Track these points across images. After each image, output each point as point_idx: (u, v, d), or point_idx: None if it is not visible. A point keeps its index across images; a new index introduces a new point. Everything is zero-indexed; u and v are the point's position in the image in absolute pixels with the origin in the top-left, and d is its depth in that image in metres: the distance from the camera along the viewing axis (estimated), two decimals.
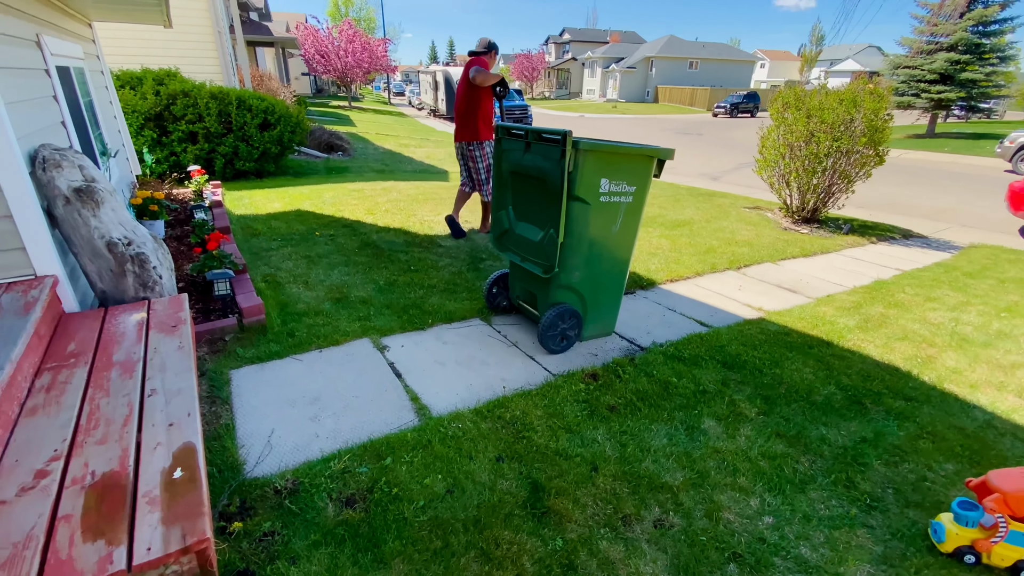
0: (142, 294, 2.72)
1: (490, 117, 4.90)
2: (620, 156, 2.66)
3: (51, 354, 2.17)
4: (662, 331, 3.33)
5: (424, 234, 5.18)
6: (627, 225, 2.86)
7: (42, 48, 3.16)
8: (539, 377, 2.65)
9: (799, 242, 5.87)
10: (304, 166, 9.68)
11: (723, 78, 46.73)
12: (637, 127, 25.61)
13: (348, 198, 6.66)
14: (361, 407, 2.32)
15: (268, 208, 6.02)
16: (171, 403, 1.86)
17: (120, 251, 2.62)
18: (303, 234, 4.99)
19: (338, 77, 29.40)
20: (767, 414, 2.43)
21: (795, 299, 4.11)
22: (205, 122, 7.78)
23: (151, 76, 7.86)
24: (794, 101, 6.80)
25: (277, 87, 16.19)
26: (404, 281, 3.87)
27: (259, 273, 3.92)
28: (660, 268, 4.55)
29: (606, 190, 2.69)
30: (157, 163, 7.62)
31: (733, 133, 23.48)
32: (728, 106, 34.80)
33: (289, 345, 2.84)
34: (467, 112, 4.86)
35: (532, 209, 2.90)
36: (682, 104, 42.26)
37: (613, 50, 49.59)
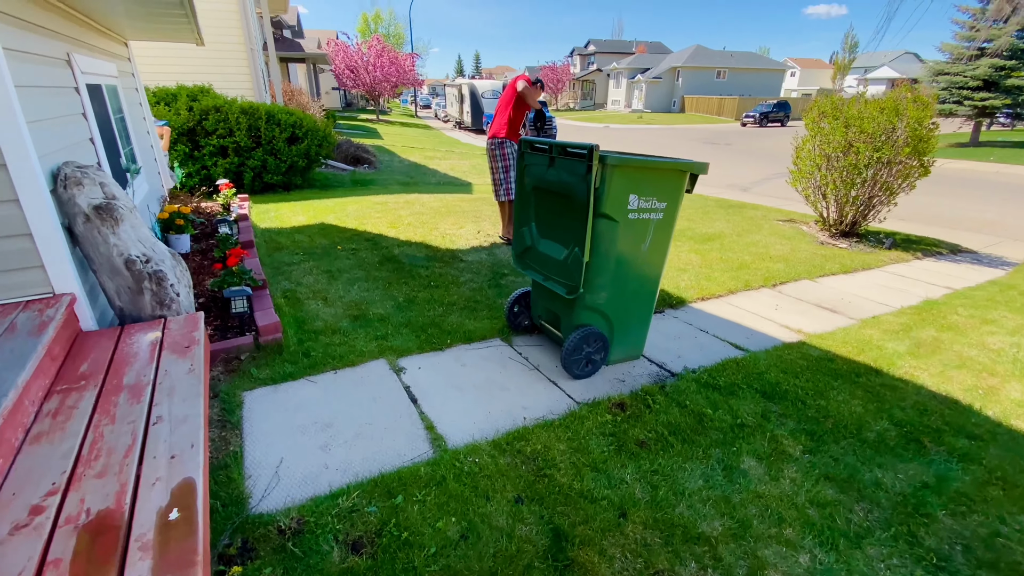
0: (159, 312, 2.68)
1: (518, 125, 5.16)
2: (650, 171, 2.51)
3: (63, 375, 2.13)
4: (694, 355, 3.13)
5: (445, 248, 5.10)
6: (657, 243, 2.70)
7: (72, 66, 3.20)
8: (562, 405, 2.49)
9: (838, 257, 5.57)
10: (331, 179, 9.79)
11: (752, 87, 45.95)
12: (663, 137, 25.30)
13: (371, 211, 6.65)
14: (374, 436, 2.20)
15: (293, 221, 6.04)
16: (176, 432, 1.78)
17: (138, 268, 2.59)
18: (325, 248, 4.97)
19: (367, 91, 30.00)
20: (814, 453, 2.22)
21: (837, 320, 3.85)
22: (235, 136, 7.93)
23: (185, 92, 8.08)
24: (831, 110, 6.52)
25: (307, 101, 16.55)
26: (424, 298, 3.77)
27: (279, 288, 3.88)
28: (690, 285, 4.35)
29: (635, 207, 2.53)
30: (188, 176, 7.79)
31: (763, 143, 22.97)
32: (757, 115, 34.14)
33: (304, 366, 2.75)
34: (501, 113, 5.18)
35: (556, 226, 2.76)
36: (709, 114, 41.68)
37: (639, 61, 49.39)
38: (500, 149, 5.18)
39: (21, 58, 2.40)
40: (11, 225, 2.25)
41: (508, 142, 5.15)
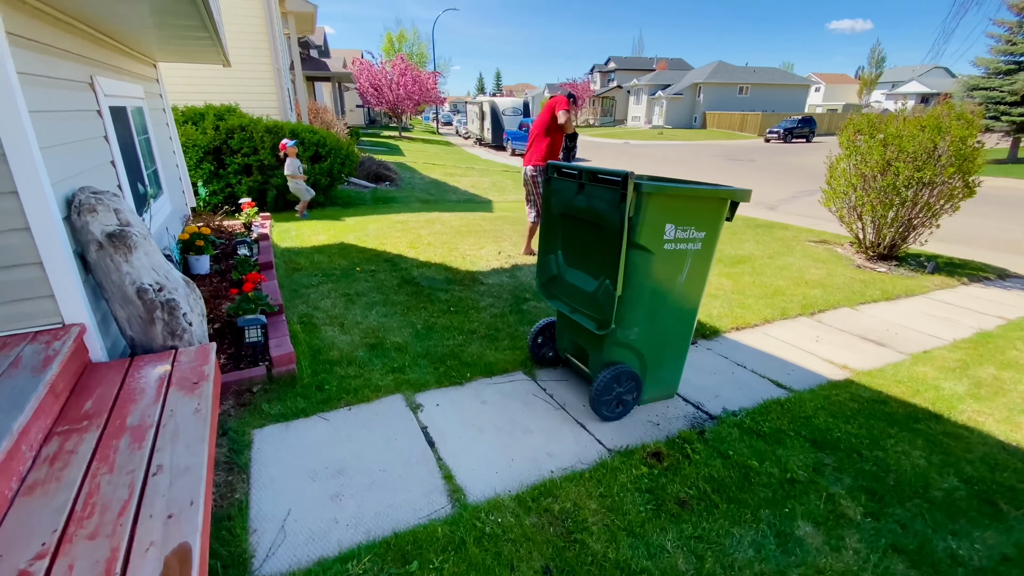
0: (170, 342, 2.58)
1: (556, 151, 5.16)
2: (689, 199, 2.33)
3: (66, 413, 2.02)
4: (732, 393, 2.91)
5: (465, 270, 4.96)
6: (694, 275, 2.51)
7: (95, 89, 3.18)
8: (592, 452, 2.30)
9: (878, 283, 5.27)
10: (353, 196, 9.81)
11: (775, 103, 45.43)
12: (684, 153, 25.04)
13: (392, 230, 6.58)
14: (388, 485, 2.04)
15: (313, 240, 5.99)
16: (175, 485, 1.64)
17: (150, 298, 2.50)
18: (344, 269, 4.88)
19: (390, 109, 30.48)
20: (876, 516, 1.98)
21: (885, 354, 3.58)
22: (260, 155, 8.00)
23: (212, 111, 8.19)
24: (867, 128, 6.25)
25: (332, 119, 16.81)
26: (443, 324, 3.62)
27: (296, 313, 3.78)
28: (724, 313, 4.12)
29: (672, 237, 2.35)
30: (212, 195, 7.86)
31: (788, 159, 22.52)
32: (781, 131, 33.63)
33: (317, 401, 2.61)
34: (538, 140, 5.16)
35: (585, 255, 2.59)
36: (731, 129, 41.26)
37: (659, 77, 49.35)
38: (540, 176, 5.15)
39: (38, 82, 2.35)
40: (21, 254, 2.18)
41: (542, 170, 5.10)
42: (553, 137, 5.05)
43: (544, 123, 5.06)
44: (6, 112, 2.00)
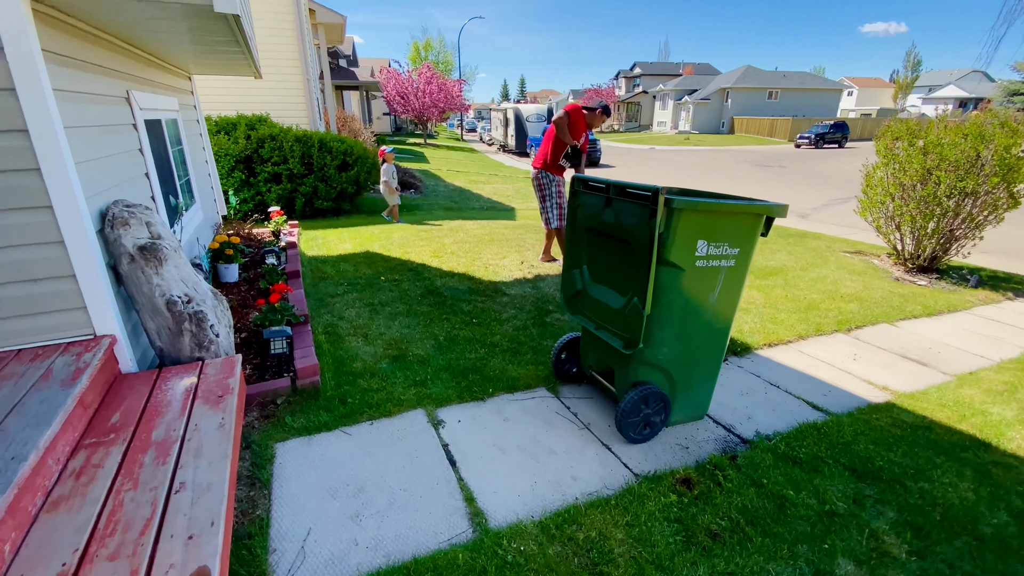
0: (197, 354, 2.61)
1: (557, 156, 5.04)
2: (722, 215, 2.25)
3: (95, 425, 2.05)
4: (765, 415, 2.79)
5: (488, 280, 4.93)
6: (727, 293, 2.42)
7: (131, 104, 3.27)
8: (618, 477, 2.22)
9: (918, 297, 5.04)
10: (378, 204, 9.92)
11: (806, 107, 44.43)
12: (711, 159, 24.64)
13: (415, 239, 6.61)
14: (408, 505, 2.00)
15: (339, 249, 6.06)
16: (197, 503, 1.64)
17: (179, 310, 2.53)
18: (369, 279, 4.90)
19: (415, 116, 30.88)
20: (923, 556, 1.85)
21: (928, 375, 3.40)
22: (289, 164, 8.16)
23: (244, 121, 8.40)
24: (906, 135, 6.01)
25: (359, 128, 17.11)
26: (465, 337, 3.59)
27: (321, 323, 3.80)
28: (755, 328, 3.98)
29: (704, 253, 2.27)
30: (243, 203, 8.04)
31: (819, 165, 21.93)
32: (812, 136, 32.83)
33: (340, 415, 2.60)
34: (544, 146, 5.12)
35: (612, 271, 2.53)
36: (760, 135, 40.48)
37: (686, 82, 48.81)
38: (539, 179, 5.19)
39: (74, 98, 2.41)
40: (55, 267, 2.23)
41: (543, 173, 5.12)
42: (555, 140, 4.94)
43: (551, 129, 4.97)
44: (42, 128, 2.06)
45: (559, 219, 5.15)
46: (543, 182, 5.10)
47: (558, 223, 5.16)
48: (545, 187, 5.11)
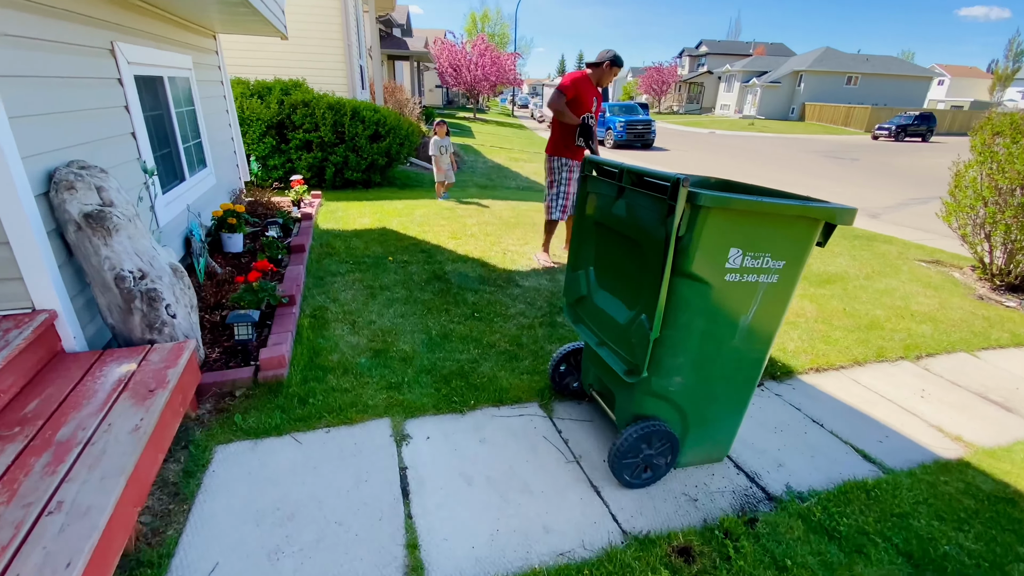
0: (148, 335, 2.36)
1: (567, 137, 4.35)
2: (763, 216, 1.73)
3: (4, 416, 1.82)
4: (801, 463, 2.28)
5: (502, 268, 4.52)
6: (765, 315, 1.91)
7: (116, 56, 3.01)
8: (602, 534, 1.80)
9: (1006, 322, 4.25)
10: (411, 177, 9.64)
11: (889, 96, 40.75)
12: (777, 147, 22.95)
13: (438, 217, 6.26)
14: (338, 545, 1.67)
15: (356, 223, 5.79)
16: (65, 532, 1.35)
17: (127, 286, 2.27)
18: (377, 258, 4.60)
19: (467, 89, 30.38)
20: None
21: (1014, 425, 2.75)
22: (320, 131, 7.94)
23: (279, 86, 8.23)
24: (1010, 130, 5.08)
25: (406, 99, 16.86)
26: (461, 333, 3.22)
27: (312, 304, 3.52)
28: (801, 348, 3.40)
29: (737, 264, 1.77)
30: (273, 169, 7.92)
31: (897, 160, 19.98)
32: (893, 128, 30.06)
33: (296, 417, 2.30)
34: (553, 128, 4.45)
35: (620, 277, 2.07)
36: (834, 124, 37.52)
37: (755, 63, 45.72)
38: (548, 164, 4.53)
39: (17, 44, 2.14)
40: None
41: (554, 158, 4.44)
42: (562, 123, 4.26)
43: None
44: None
45: (561, 210, 4.51)
46: (553, 167, 4.44)
47: (560, 215, 4.52)
48: (554, 172, 4.44)
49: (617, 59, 4.20)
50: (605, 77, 4.24)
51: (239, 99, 7.74)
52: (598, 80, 4.23)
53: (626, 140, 20.16)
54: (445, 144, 7.30)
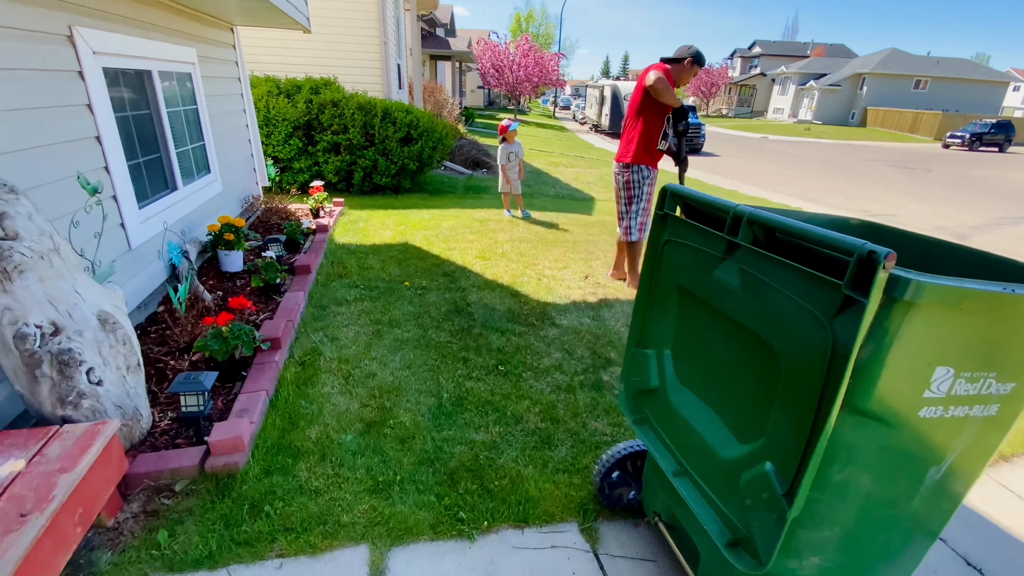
0: (60, 411, 1.77)
1: (653, 140, 3.69)
2: (1002, 314, 0.97)
3: None
4: None
5: (536, 300, 3.81)
6: (966, 463, 1.14)
7: (76, 44, 2.48)
8: None
9: None
10: (444, 183, 9.06)
11: (960, 102, 37.70)
12: (837, 155, 21.30)
13: (467, 231, 5.61)
14: None
15: (376, 237, 5.20)
16: None
17: (30, 347, 1.69)
18: (392, 283, 3.97)
19: (508, 90, 29.83)
20: None
21: None
22: (349, 133, 7.45)
23: (309, 85, 7.80)
24: None
25: (446, 99, 16.41)
26: (480, 396, 2.53)
27: (304, 345, 2.92)
28: None
29: (942, 392, 1.01)
30: (299, 172, 7.48)
31: (974, 172, 18.14)
32: (967, 136, 27.68)
33: (241, 538, 1.66)
34: (629, 126, 3.78)
35: (718, 379, 1.33)
36: (899, 130, 34.96)
37: (813, 65, 43.28)
38: (624, 175, 3.82)
39: None
40: None
41: (635, 168, 3.74)
42: (647, 117, 3.58)
43: (636, 100, 3.62)
44: None
45: (640, 229, 3.88)
46: (633, 179, 3.79)
47: (639, 235, 3.89)
48: (635, 186, 3.81)
49: (699, 57, 3.56)
50: (684, 76, 3.59)
51: (265, 98, 7.33)
52: (677, 79, 3.54)
53: None
54: (515, 151, 6.38)
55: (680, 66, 3.55)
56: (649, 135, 3.62)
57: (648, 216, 3.91)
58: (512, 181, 6.40)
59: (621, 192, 3.88)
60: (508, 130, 6.28)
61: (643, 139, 3.63)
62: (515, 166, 6.37)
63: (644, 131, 3.62)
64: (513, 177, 6.38)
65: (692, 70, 3.56)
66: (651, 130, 3.61)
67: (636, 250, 3.99)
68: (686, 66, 3.54)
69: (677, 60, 3.55)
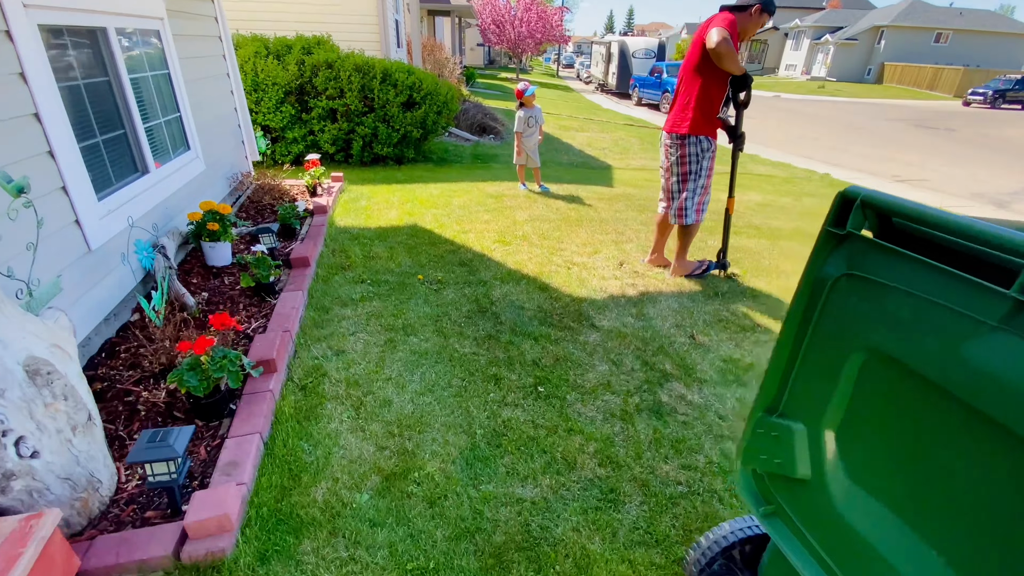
0: None
1: (714, 107, 3.14)
2: None
3: None
4: None
5: (568, 294, 3.34)
6: None
7: None
8: None
9: None
10: (449, 151, 8.43)
11: (982, 56, 35.99)
12: (854, 114, 20.32)
13: (480, 209, 5.07)
14: None
15: (381, 218, 4.68)
16: None
17: None
18: (403, 276, 3.49)
19: (510, 47, 28.43)
20: None
21: None
22: (346, 98, 6.80)
23: (300, 44, 7.08)
24: None
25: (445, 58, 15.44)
26: (520, 432, 2.08)
27: (305, 363, 2.46)
28: None
29: None
30: (293, 143, 6.87)
31: (1002, 131, 17.27)
32: (989, 93, 26.43)
33: None
34: (683, 90, 3.22)
35: (953, 508, 0.86)
36: (917, 87, 33.52)
37: (829, 17, 41.18)
38: (681, 148, 3.26)
39: None
40: None
41: (692, 139, 3.19)
42: (708, 80, 3.04)
43: (694, 57, 3.07)
44: None
45: (698, 210, 3.36)
46: (690, 153, 3.25)
47: (696, 216, 3.37)
48: (692, 160, 3.27)
49: (770, 4, 2.93)
50: (751, 27, 2.99)
51: (252, 60, 6.65)
52: (742, 31, 2.94)
53: None
54: (536, 116, 5.66)
55: (746, 15, 2.95)
56: (709, 101, 3.07)
57: (708, 195, 3.37)
58: (530, 152, 5.79)
59: (674, 167, 3.34)
60: (525, 94, 5.62)
61: (702, 106, 3.08)
62: (534, 134, 5.73)
63: (703, 96, 3.06)
64: (531, 147, 5.77)
65: (760, 20, 2.97)
66: (712, 96, 3.06)
67: (691, 234, 3.48)
68: (753, 15, 2.95)
69: (742, 8, 2.95)
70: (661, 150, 3.43)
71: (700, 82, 3.04)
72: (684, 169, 3.28)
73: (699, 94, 3.06)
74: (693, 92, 3.08)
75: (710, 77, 3.01)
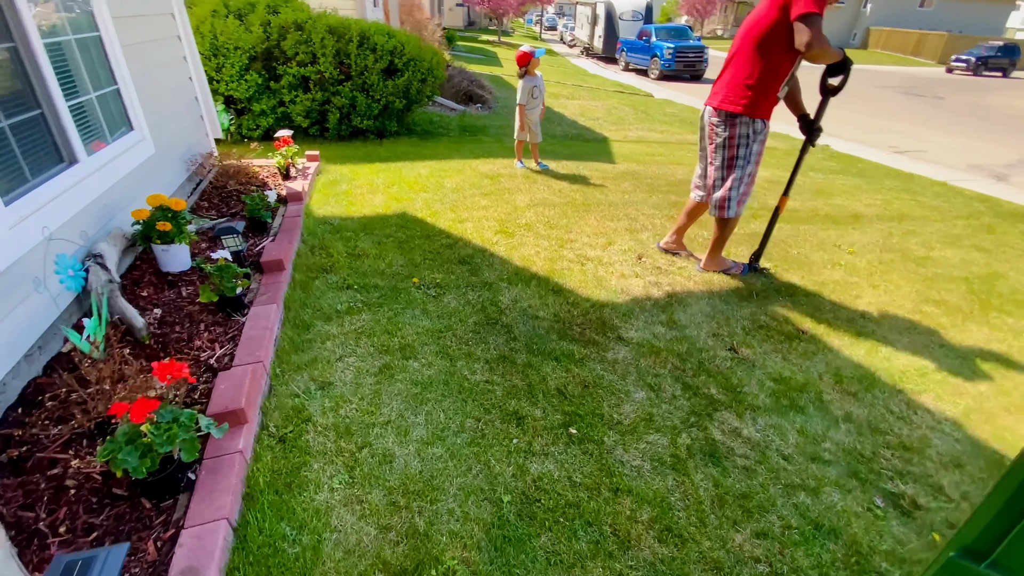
0: None
1: (776, 85, 2.70)
2: None
3: None
4: None
5: (586, 299, 2.92)
6: None
7: None
8: None
9: None
10: (434, 122, 7.80)
11: (965, 23, 35.63)
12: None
13: (476, 192, 4.56)
14: None
15: (365, 206, 4.15)
16: None
17: None
18: (395, 277, 3.02)
19: (491, 8, 27.03)
20: None
21: None
22: (319, 64, 6.10)
23: (265, 1, 6.29)
24: None
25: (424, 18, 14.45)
26: (556, 499, 1.69)
27: (283, 400, 2.01)
28: None
29: None
30: (261, 115, 6.18)
31: (989, 100, 17.13)
32: (972, 60, 26.25)
33: None
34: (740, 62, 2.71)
35: None
36: (901, 53, 33.20)
37: None
38: (731, 127, 2.83)
39: None
40: None
41: (745, 120, 2.75)
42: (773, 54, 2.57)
43: (762, 25, 2.58)
44: None
45: (740, 202, 2.94)
46: (740, 135, 2.81)
47: (738, 209, 2.96)
48: (741, 144, 2.83)
49: None
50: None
51: (209, 20, 5.89)
52: None
53: (674, 70, 17.53)
54: (539, 85, 5.11)
55: None
56: (774, 78, 2.64)
57: (753, 185, 2.95)
58: (533, 126, 5.24)
59: (720, 149, 2.89)
60: (534, 56, 5.00)
61: (766, 84, 2.64)
62: (538, 106, 5.18)
63: (768, 74, 2.62)
64: (534, 120, 5.22)
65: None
66: (780, 74, 2.64)
67: (731, 227, 3.08)
68: None
69: None
70: (704, 129, 2.98)
71: (768, 57, 2.58)
72: (732, 153, 2.84)
73: (763, 70, 2.61)
74: (757, 67, 2.63)
75: (781, 53, 2.55)
